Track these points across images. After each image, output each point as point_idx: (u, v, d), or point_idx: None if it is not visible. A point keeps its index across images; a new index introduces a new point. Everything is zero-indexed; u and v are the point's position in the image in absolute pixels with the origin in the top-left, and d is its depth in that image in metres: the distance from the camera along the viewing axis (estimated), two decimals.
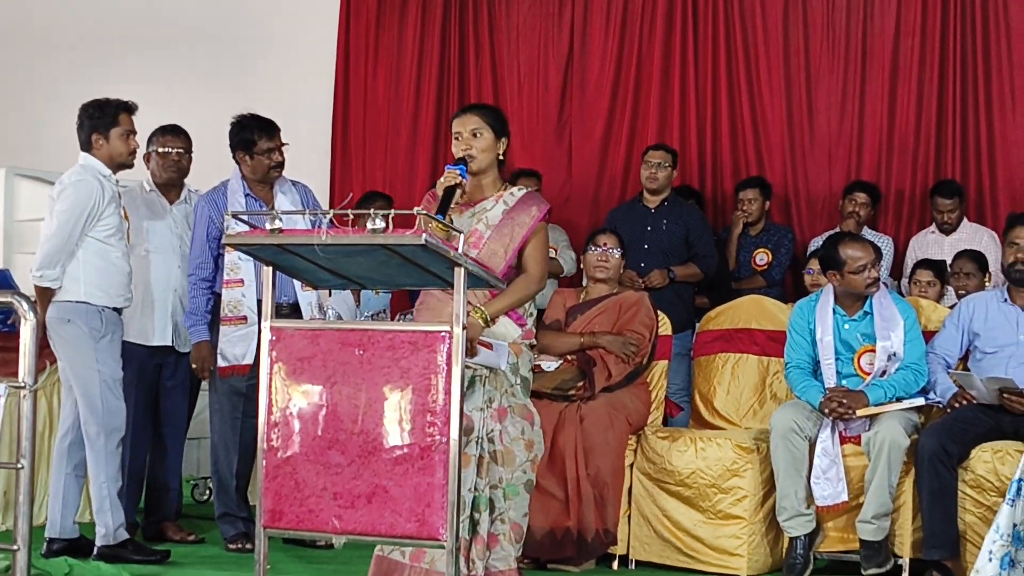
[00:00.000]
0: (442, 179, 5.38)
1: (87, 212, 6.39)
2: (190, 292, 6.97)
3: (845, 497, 6.34)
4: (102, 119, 6.55)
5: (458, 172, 5.36)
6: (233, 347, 6.76)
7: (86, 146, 6.57)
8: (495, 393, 5.49)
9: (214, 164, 7.34)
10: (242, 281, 6.74)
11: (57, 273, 6.39)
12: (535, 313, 5.77)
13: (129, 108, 6.64)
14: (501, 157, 5.67)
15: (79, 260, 6.43)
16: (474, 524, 5.41)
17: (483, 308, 5.44)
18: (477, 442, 5.40)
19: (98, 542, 6.39)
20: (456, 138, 5.59)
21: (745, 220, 8.81)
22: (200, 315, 6.92)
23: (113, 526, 6.39)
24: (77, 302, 6.42)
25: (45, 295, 6.44)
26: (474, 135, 5.55)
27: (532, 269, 5.61)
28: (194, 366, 6.95)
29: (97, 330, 6.40)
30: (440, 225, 5.04)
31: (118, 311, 6.58)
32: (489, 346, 5.45)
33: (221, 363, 6.82)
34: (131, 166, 6.73)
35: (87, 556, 6.39)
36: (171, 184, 7.14)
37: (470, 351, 5.47)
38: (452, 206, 5.31)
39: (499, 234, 5.56)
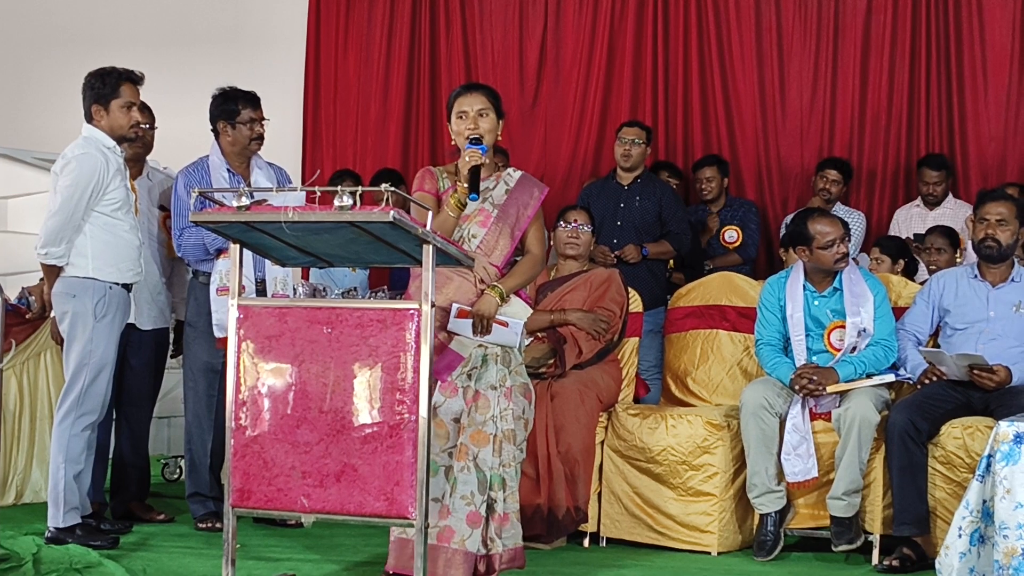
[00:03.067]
0: (465, 158, 5.41)
1: (91, 186, 6.26)
2: (185, 237, 6.81)
3: (815, 473, 6.35)
4: (103, 89, 6.40)
5: (479, 151, 5.40)
6: None
7: (88, 117, 6.42)
8: (506, 372, 5.50)
9: (188, 148, 7.28)
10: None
11: (62, 250, 6.29)
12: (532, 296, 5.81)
13: (133, 78, 6.48)
14: (499, 138, 5.68)
15: (86, 235, 6.32)
16: (491, 503, 5.41)
17: (499, 285, 5.45)
18: (493, 421, 5.41)
19: (48, 524, 6.31)
20: (461, 117, 5.60)
21: (706, 197, 8.81)
22: (210, 237, 6.68)
23: (64, 510, 6.28)
24: (84, 278, 6.31)
25: (52, 271, 6.36)
26: (481, 115, 5.58)
27: (536, 250, 5.73)
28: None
29: (100, 309, 6.31)
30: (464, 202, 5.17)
31: (128, 288, 6.49)
32: (504, 324, 5.46)
33: (219, 333, 6.73)
34: (134, 139, 6.61)
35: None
36: (135, 159, 7.05)
37: (486, 329, 5.49)
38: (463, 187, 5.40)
39: (505, 214, 5.61)
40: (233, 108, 6.91)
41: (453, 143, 5.69)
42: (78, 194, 6.25)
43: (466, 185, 5.41)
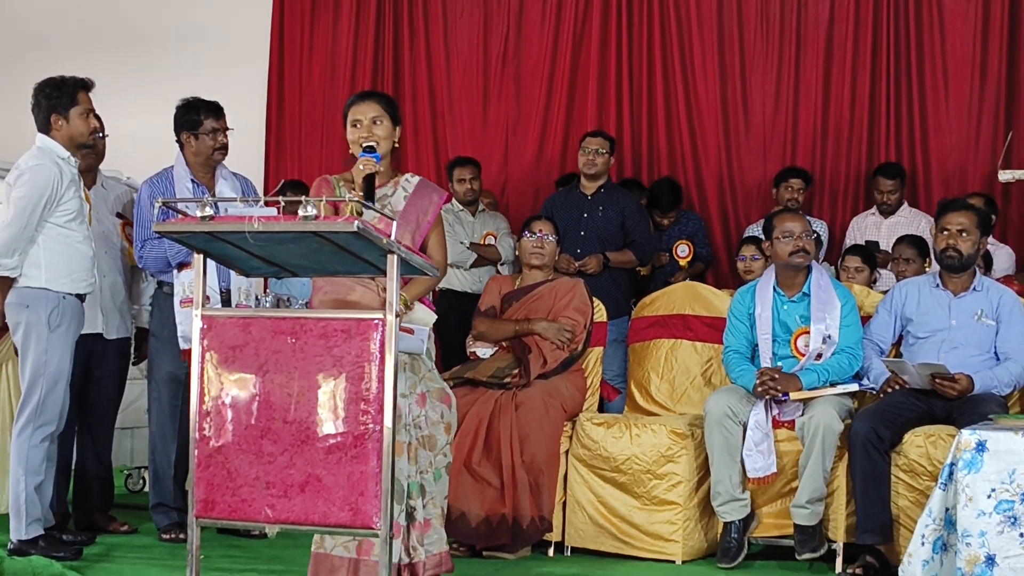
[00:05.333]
0: (359, 166, 5.35)
1: (45, 198, 6.22)
2: (147, 249, 6.81)
3: (775, 469, 6.38)
4: (60, 98, 6.35)
5: (373, 160, 5.36)
6: None
7: (44, 127, 6.37)
8: (415, 379, 5.47)
9: (148, 158, 7.26)
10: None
11: (15, 262, 6.25)
12: None
13: (87, 85, 6.44)
14: (396, 144, 5.64)
15: (39, 246, 6.28)
16: (410, 511, 5.39)
17: (403, 293, 5.41)
18: (406, 429, 5.38)
19: (11, 536, 6.26)
20: (355, 125, 5.55)
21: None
22: (173, 249, 6.70)
23: (26, 521, 6.22)
24: (38, 288, 6.27)
25: (5, 283, 6.31)
26: (375, 123, 5.53)
27: (437, 256, 5.63)
28: None
29: (55, 319, 6.27)
30: (369, 211, 5.04)
31: (81, 298, 6.44)
32: (411, 331, 5.43)
33: (184, 345, 6.70)
34: (92, 146, 6.58)
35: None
36: (88, 168, 7.00)
37: None
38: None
39: (405, 221, 5.54)
40: (195, 118, 6.90)
41: (350, 152, 5.64)
42: (31, 206, 6.21)
43: (361, 194, 5.37)
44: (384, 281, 5.19)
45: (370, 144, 5.45)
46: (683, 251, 8.72)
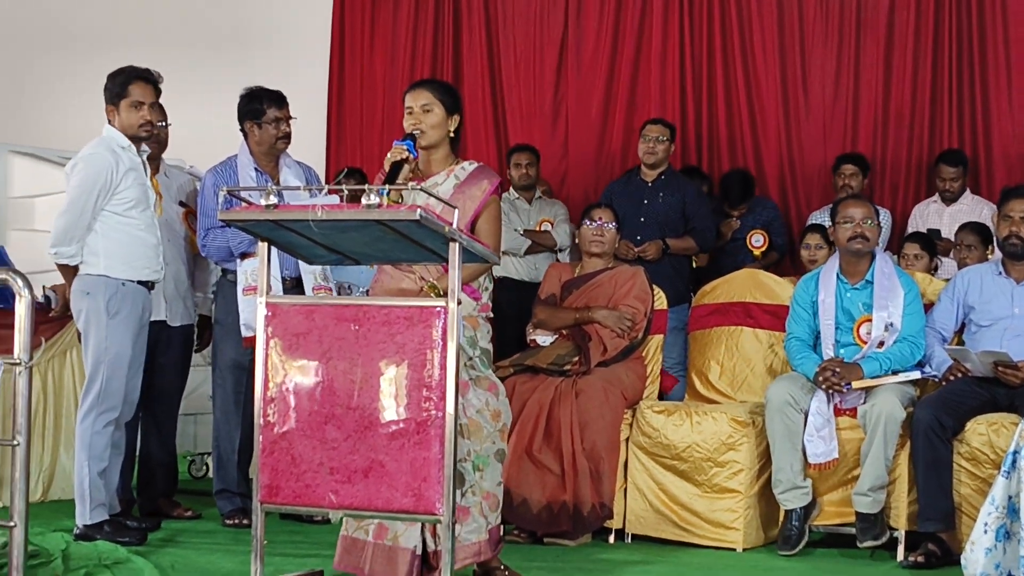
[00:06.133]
0: (389, 154, 5.36)
1: (98, 187, 6.27)
2: (210, 239, 6.88)
3: (836, 455, 6.36)
4: (113, 90, 6.43)
5: (405, 147, 5.34)
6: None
7: (108, 118, 6.46)
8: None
9: (212, 149, 7.31)
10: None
11: (73, 250, 6.32)
12: (490, 287, 5.73)
13: (145, 77, 6.47)
14: (452, 134, 5.62)
15: (98, 234, 6.33)
16: None
17: (435, 282, 5.41)
18: None
19: (76, 521, 6.33)
20: (408, 112, 5.55)
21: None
22: (238, 238, 6.74)
23: (91, 506, 6.29)
24: (97, 275, 6.33)
25: (69, 271, 6.40)
26: (424, 111, 5.52)
27: (488, 241, 5.59)
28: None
29: (113, 306, 6.32)
30: (389, 198, 5.04)
31: (147, 285, 6.49)
32: None
33: (246, 332, 6.77)
34: (146, 138, 6.56)
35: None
36: (151, 157, 7.05)
37: None
38: (399, 181, 5.27)
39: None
40: (259, 107, 6.95)
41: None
42: (85, 194, 6.28)
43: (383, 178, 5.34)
44: (422, 270, 5.23)
45: (411, 133, 5.45)
46: (758, 241, 8.68)
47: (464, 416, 5.40)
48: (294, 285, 6.82)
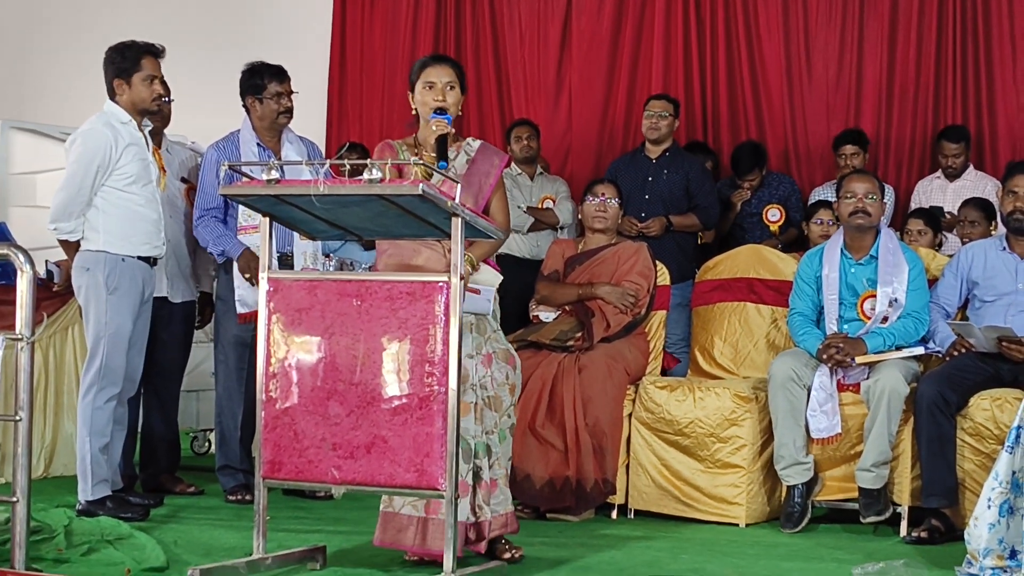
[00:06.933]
0: (432, 127, 5.37)
1: (96, 162, 6.25)
2: (204, 226, 6.92)
3: (839, 430, 6.37)
4: (124, 63, 6.39)
5: (445, 121, 5.37)
6: (253, 292, 6.63)
7: (110, 92, 6.42)
8: (481, 340, 5.47)
9: (212, 120, 7.30)
10: (258, 227, 6.65)
11: (72, 225, 6.32)
12: None
13: (154, 51, 6.47)
14: (460, 113, 5.64)
15: (98, 209, 6.32)
16: (476, 471, 5.40)
17: (469, 254, 5.41)
18: (472, 389, 5.38)
19: (79, 496, 6.33)
20: (429, 87, 5.53)
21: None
22: (226, 233, 6.87)
23: (92, 482, 6.29)
24: (97, 251, 6.32)
25: (70, 246, 6.40)
26: (449, 88, 5.52)
27: (500, 219, 5.61)
28: (246, 276, 6.78)
29: (112, 281, 6.31)
30: (436, 172, 5.06)
31: (148, 261, 6.47)
32: (477, 292, 5.43)
33: (241, 309, 6.78)
34: (156, 112, 6.60)
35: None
36: (154, 132, 7.04)
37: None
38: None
39: (468, 184, 5.52)
40: (259, 82, 6.93)
41: (413, 112, 5.64)
42: (83, 170, 6.27)
43: (433, 154, 5.38)
44: (449, 243, 5.22)
45: (441, 107, 5.46)
46: (774, 215, 8.61)
47: (491, 388, 5.41)
48: (289, 262, 6.81)
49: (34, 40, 10.89)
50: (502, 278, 5.61)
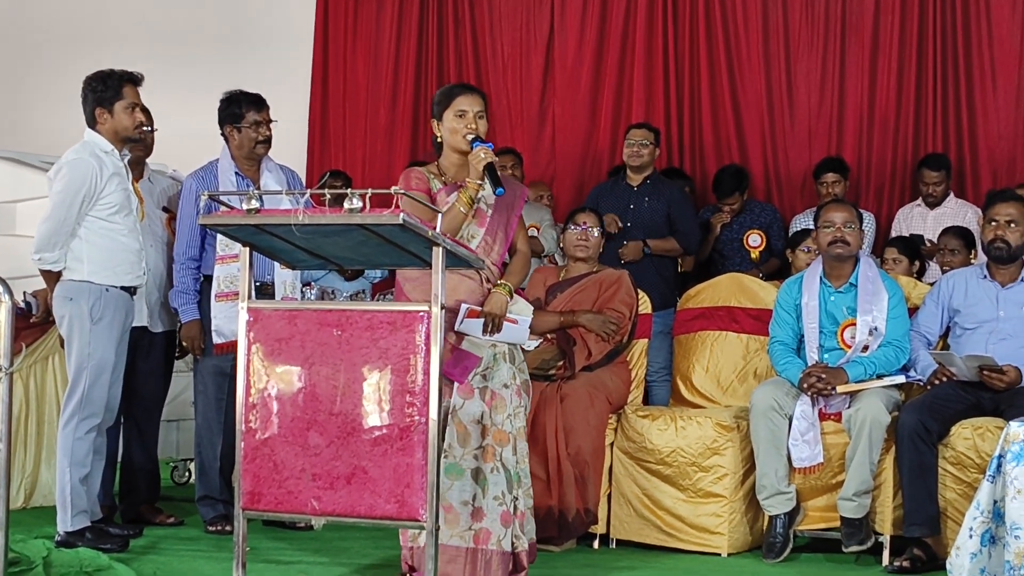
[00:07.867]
0: (480, 155, 5.44)
1: (82, 193, 6.24)
2: (178, 272, 6.93)
3: (821, 459, 6.36)
4: (105, 92, 6.39)
5: (489, 148, 5.46)
6: (230, 323, 6.62)
7: (91, 121, 6.41)
8: (514, 369, 5.51)
9: (193, 148, 7.29)
10: (237, 256, 6.65)
11: (56, 256, 6.29)
12: None
13: (134, 79, 6.47)
14: None
15: (81, 239, 6.31)
16: (514, 500, 5.44)
17: (507, 283, 5.45)
18: (509, 419, 5.42)
19: (58, 528, 6.30)
20: (460, 115, 5.58)
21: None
22: (190, 294, 6.90)
23: (72, 513, 6.26)
24: (80, 281, 6.30)
25: (52, 276, 6.37)
26: (479, 117, 5.60)
27: (523, 247, 5.79)
28: (185, 344, 6.91)
29: (96, 312, 6.29)
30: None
31: (129, 290, 6.46)
32: (515, 322, 5.47)
33: (217, 339, 6.75)
34: (138, 140, 6.61)
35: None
36: (136, 162, 7.02)
37: (497, 327, 5.49)
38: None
39: (498, 212, 5.62)
40: (237, 111, 6.92)
41: (437, 139, 5.69)
42: (68, 199, 6.24)
43: (479, 182, 5.45)
44: (486, 272, 5.27)
45: (475, 136, 5.50)
46: (755, 241, 8.63)
47: (522, 419, 5.54)
48: (270, 291, 6.79)
49: (16, 69, 10.87)
50: (533, 308, 5.66)
